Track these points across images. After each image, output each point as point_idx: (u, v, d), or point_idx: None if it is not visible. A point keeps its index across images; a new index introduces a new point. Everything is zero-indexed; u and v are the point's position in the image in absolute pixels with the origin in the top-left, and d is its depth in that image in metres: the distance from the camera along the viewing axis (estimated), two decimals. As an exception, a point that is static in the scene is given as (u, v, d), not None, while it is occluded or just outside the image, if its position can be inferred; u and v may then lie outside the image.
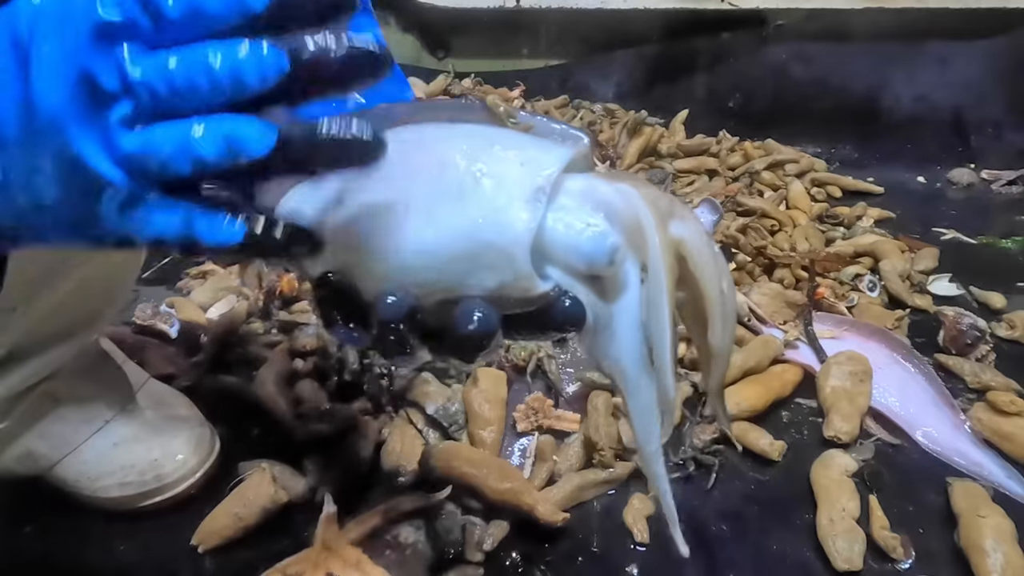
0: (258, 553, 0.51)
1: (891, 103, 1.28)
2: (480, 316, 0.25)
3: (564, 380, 0.66)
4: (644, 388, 0.28)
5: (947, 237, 0.99)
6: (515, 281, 0.25)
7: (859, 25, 1.29)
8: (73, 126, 0.22)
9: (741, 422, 0.61)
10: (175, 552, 0.51)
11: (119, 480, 0.52)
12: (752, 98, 1.31)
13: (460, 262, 0.25)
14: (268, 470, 0.54)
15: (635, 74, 1.35)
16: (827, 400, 0.63)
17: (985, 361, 0.70)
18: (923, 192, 1.17)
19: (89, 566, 0.51)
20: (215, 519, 0.51)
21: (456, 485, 0.52)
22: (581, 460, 0.58)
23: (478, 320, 0.25)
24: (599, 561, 0.51)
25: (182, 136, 0.22)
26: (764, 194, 1.05)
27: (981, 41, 1.26)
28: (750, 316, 0.73)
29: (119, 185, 0.22)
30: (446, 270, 0.25)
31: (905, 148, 1.26)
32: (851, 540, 0.50)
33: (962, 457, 0.59)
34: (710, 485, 0.56)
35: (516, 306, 0.26)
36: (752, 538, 0.53)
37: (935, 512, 0.55)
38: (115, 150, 0.22)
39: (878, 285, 0.82)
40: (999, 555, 0.48)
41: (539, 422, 0.61)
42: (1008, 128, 1.25)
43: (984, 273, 0.87)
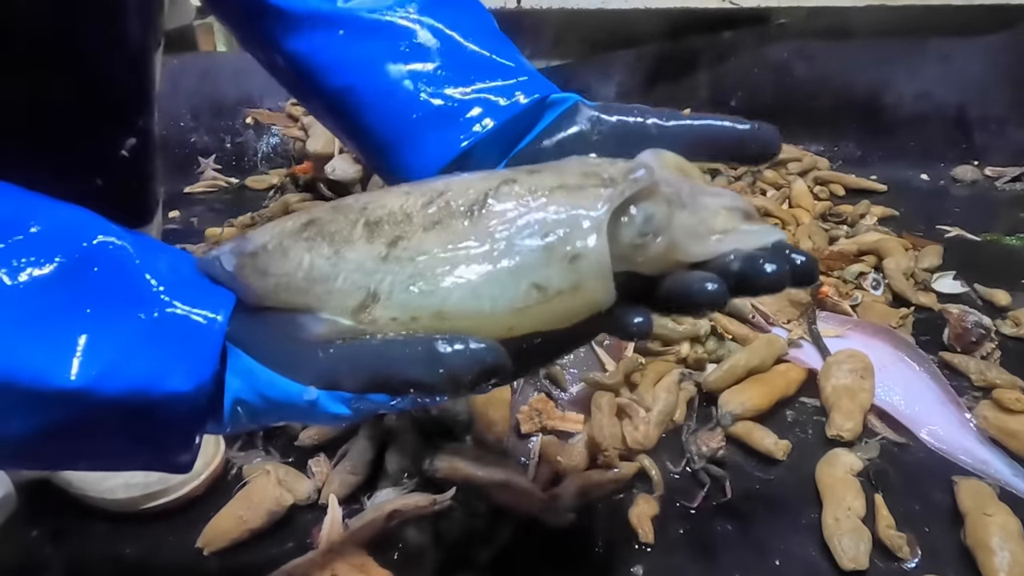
0: (263, 555, 0.51)
1: (894, 101, 1.27)
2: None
3: (567, 381, 0.66)
4: None
5: (951, 234, 0.98)
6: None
7: (861, 22, 1.29)
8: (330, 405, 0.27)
9: (745, 421, 0.61)
10: (180, 554, 0.51)
11: (125, 482, 0.53)
12: (754, 96, 1.31)
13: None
14: (273, 472, 0.54)
15: (637, 74, 1.35)
16: (829, 399, 0.63)
17: (990, 359, 0.70)
18: (927, 190, 1.17)
19: (94, 568, 0.51)
20: (220, 521, 0.52)
21: (460, 487, 0.52)
22: (585, 461, 0.58)
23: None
24: (604, 561, 0.51)
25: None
26: (767, 193, 1.05)
27: (984, 37, 1.26)
28: (754, 315, 0.73)
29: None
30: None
31: (908, 146, 1.26)
32: (857, 539, 0.50)
33: (968, 455, 0.59)
34: (727, 497, 0.55)
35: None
36: (757, 537, 0.53)
37: (941, 510, 0.54)
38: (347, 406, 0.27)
39: (882, 283, 0.82)
40: (1006, 553, 0.48)
41: (543, 423, 0.61)
42: (1011, 125, 1.24)
43: (989, 270, 0.86)
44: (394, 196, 0.28)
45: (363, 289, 0.26)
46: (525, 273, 0.25)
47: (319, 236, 0.27)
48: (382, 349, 0.26)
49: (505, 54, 0.41)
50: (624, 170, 0.27)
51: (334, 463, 0.57)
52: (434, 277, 0.25)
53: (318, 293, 0.26)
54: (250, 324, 0.27)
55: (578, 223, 0.26)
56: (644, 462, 0.57)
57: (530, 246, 0.26)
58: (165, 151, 1.22)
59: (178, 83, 1.26)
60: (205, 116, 1.27)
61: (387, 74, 0.40)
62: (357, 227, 0.27)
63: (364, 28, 0.41)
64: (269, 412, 0.28)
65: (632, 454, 0.58)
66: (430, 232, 0.26)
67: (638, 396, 0.62)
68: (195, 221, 1.08)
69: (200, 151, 1.25)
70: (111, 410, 0.25)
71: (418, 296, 0.25)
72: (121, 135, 0.45)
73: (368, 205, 0.28)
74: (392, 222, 0.27)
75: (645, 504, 0.54)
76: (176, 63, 1.27)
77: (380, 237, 0.26)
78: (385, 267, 0.26)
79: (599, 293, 0.26)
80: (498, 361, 0.25)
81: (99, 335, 0.25)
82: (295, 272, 0.27)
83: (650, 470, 0.57)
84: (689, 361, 0.68)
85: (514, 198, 0.27)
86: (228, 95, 1.28)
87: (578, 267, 0.25)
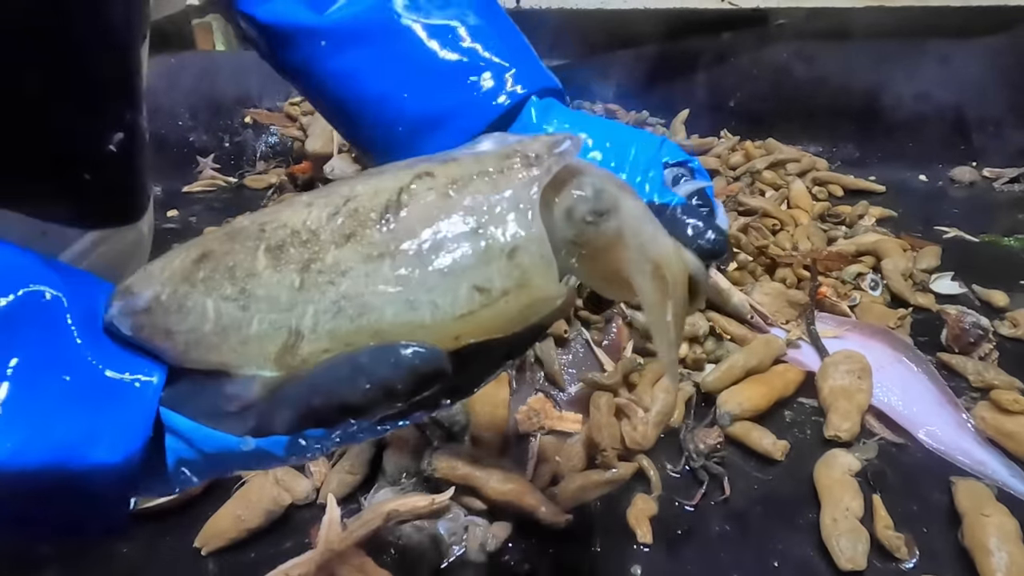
0: (261, 555, 0.51)
1: (892, 102, 1.28)
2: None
3: (566, 381, 0.66)
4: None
5: (949, 235, 0.99)
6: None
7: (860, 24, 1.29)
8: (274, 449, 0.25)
9: (744, 422, 0.61)
10: (178, 554, 0.51)
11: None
12: (753, 97, 1.31)
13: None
14: (271, 472, 0.54)
15: (636, 74, 1.35)
16: (826, 400, 0.63)
17: (988, 359, 0.70)
18: (925, 190, 1.17)
19: (92, 568, 0.51)
20: (218, 521, 0.51)
21: (459, 487, 0.52)
22: (583, 461, 0.58)
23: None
24: (602, 562, 0.51)
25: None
26: (765, 193, 1.05)
27: (982, 39, 1.26)
28: (752, 315, 0.73)
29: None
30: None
31: (907, 147, 1.26)
32: (855, 540, 0.50)
33: (966, 456, 0.59)
34: (725, 495, 0.55)
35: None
36: (755, 538, 0.53)
37: (939, 511, 0.55)
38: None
39: (880, 284, 0.82)
40: (1003, 554, 0.48)
41: (541, 423, 0.61)
42: (1009, 126, 1.25)
43: (987, 271, 0.86)
44: (294, 211, 0.24)
45: (283, 328, 0.23)
46: (462, 276, 0.22)
47: (217, 274, 0.23)
48: (308, 380, 0.23)
49: (494, 44, 0.41)
50: (548, 144, 0.24)
51: (332, 463, 0.57)
52: (361, 296, 0.22)
53: (232, 345, 0.23)
54: (179, 382, 0.25)
55: (509, 212, 0.23)
56: (642, 462, 0.57)
57: (461, 245, 0.23)
58: (163, 150, 1.22)
59: (176, 82, 1.26)
60: (203, 115, 1.27)
61: (368, 85, 0.41)
62: (258, 255, 0.23)
63: (344, 37, 0.41)
64: (213, 467, 0.26)
65: (630, 454, 0.58)
66: (344, 247, 0.23)
67: (636, 396, 0.62)
68: (193, 220, 1.08)
69: (199, 150, 1.25)
70: (30, 484, 0.22)
71: (348, 321, 0.22)
72: (108, 129, 0.44)
73: (266, 226, 0.24)
74: (298, 243, 0.23)
75: (643, 504, 0.54)
76: (174, 62, 1.26)
77: (289, 263, 0.23)
78: (302, 296, 0.23)
79: (548, 287, 0.23)
80: (432, 363, 0.22)
81: (17, 399, 0.22)
82: (200, 326, 0.23)
83: (648, 470, 0.57)
84: (687, 361, 0.68)
85: (432, 193, 0.23)
86: (227, 94, 1.27)
87: (518, 262, 0.23)
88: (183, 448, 0.25)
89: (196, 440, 0.25)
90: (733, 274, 0.79)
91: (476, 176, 0.24)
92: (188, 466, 0.26)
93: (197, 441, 0.25)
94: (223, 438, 0.24)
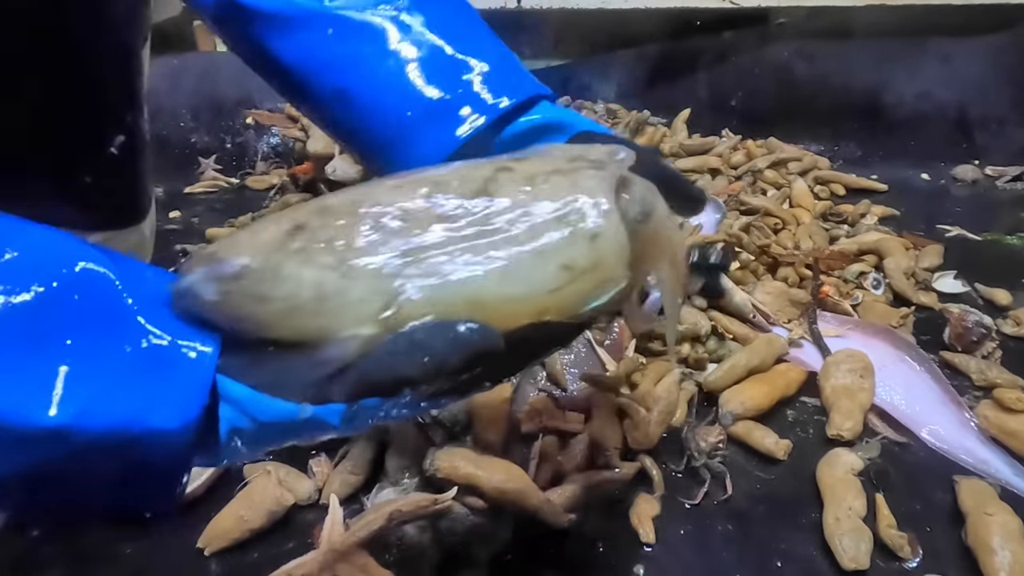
0: (264, 555, 0.51)
1: (894, 100, 1.27)
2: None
3: (568, 381, 0.66)
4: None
5: (952, 234, 0.98)
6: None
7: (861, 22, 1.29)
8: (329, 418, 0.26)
9: (746, 421, 0.61)
10: (181, 555, 0.51)
11: (125, 483, 0.53)
12: (754, 96, 1.31)
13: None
14: (273, 473, 0.54)
15: (637, 74, 1.35)
16: (828, 399, 0.63)
17: (991, 358, 0.70)
18: (927, 189, 1.17)
19: (94, 569, 0.51)
20: (221, 522, 0.52)
21: (461, 487, 0.52)
22: (586, 461, 0.58)
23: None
24: (605, 561, 0.51)
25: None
26: (767, 193, 1.05)
27: (984, 37, 1.26)
28: (754, 314, 0.73)
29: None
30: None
31: (909, 145, 1.26)
32: (858, 539, 0.50)
33: (969, 455, 0.59)
34: (727, 495, 0.55)
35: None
36: (758, 538, 0.52)
37: (942, 510, 0.54)
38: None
39: (882, 283, 0.82)
40: (1007, 553, 0.48)
41: (543, 423, 0.61)
42: (1012, 124, 1.24)
43: (989, 270, 0.86)
44: (385, 191, 0.26)
45: (384, 294, 0.24)
46: (552, 255, 0.25)
47: (314, 245, 0.25)
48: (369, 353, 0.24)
49: (492, 50, 0.42)
50: (607, 152, 0.28)
51: (335, 463, 0.57)
52: (462, 268, 0.24)
53: (332, 310, 0.24)
54: (234, 353, 0.26)
55: (590, 204, 0.26)
56: (645, 462, 0.57)
57: (550, 228, 0.25)
58: (165, 151, 1.22)
59: (178, 83, 1.26)
60: (205, 116, 1.27)
61: (377, 74, 0.40)
62: (357, 229, 0.25)
63: (352, 27, 0.41)
64: (266, 437, 0.26)
65: (633, 454, 0.58)
66: (440, 225, 0.25)
67: (639, 396, 0.62)
68: (196, 221, 1.08)
69: (200, 151, 1.25)
70: (92, 450, 0.23)
71: (448, 291, 0.24)
72: (110, 132, 0.44)
73: (360, 205, 0.26)
74: (393, 219, 0.25)
75: (646, 504, 0.54)
76: (176, 63, 1.27)
77: (388, 237, 0.25)
78: (404, 267, 0.24)
79: (618, 269, 0.27)
80: (486, 341, 0.24)
81: (80, 369, 0.23)
82: (298, 292, 0.24)
83: (651, 470, 0.57)
84: (689, 361, 0.68)
85: (514, 184, 0.26)
86: (228, 95, 1.28)
87: (598, 246, 0.26)
88: (238, 417, 0.26)
89: (252, 409, 0.25)
90: (735, 273, 0.79)
91: (551, 172, 0.27)
92: (241, 436, 0.26)
93: (253, 410, 0.25)
94: (281, 406, 0.25)
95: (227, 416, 0.26)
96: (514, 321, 0.25)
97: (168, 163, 1.21)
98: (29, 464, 0.23)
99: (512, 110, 0.40)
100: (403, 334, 0.24)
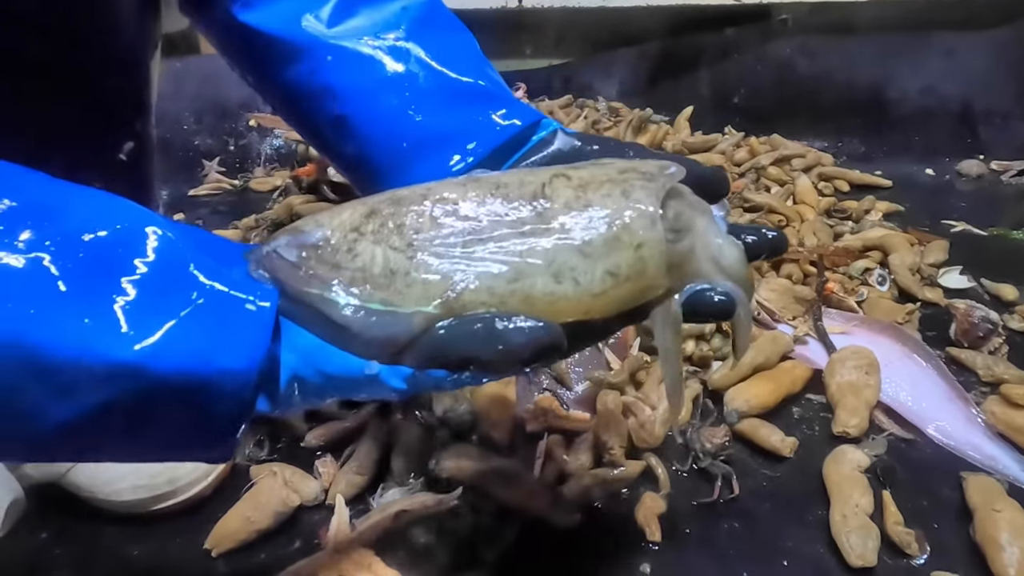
0: (270, 556, 0.51)
1: (898, 96, 1.27)
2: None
3: (573, 380, 0.66)
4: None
5: (957, 229, 0.98)
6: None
7: (864, 18, 1.29)
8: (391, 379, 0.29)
9: (751, 419, 0.61)
10: (188, 556, 0.51)
11: (132, 484, 0.53)
12: (757, 93, 1.31)
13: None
14: (279, 473, 0.54)
15: (639, 72, 1.35)
16: (834, 396, 0.63)
17: (998, 354, 0.70)
18: (932, 184, 1.17)
19: (103, 570, 0.51)
20: (227, 523, 0.52)
21: (467, 486, 0.52)
22: (591, 459, 0.58)
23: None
24: (612, 560, 0.51)
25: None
26: (771, 190, 1.04)
27: (988, 31, 1.25)
28: (759, 312, 0.73)
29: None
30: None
31: (913, 140, 1.25)
32: (865, 536, 0.50)
33: (976, 451, 0.59)
34: (734, 493, 0.55)
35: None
36: (764, 535, 0.52)
37: (950, 507, 0.54)
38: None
39: (888, 279, 0.82)
40: (1015, 549, 0.48)
41: (548, 422, 0.61)
42: (1016, 118, 1.24)
43: (995, 265, 0.86)
44: (451, 187, 0.29)
45: (447, 278, 0.27)
46: (600, 260, 0.27)
47: (385, 228, 0.28)
48: (449, 331, 0.26)
49: (490, 79, 0.42)
50: (658, 167, 0.30)
51: (340, 464, 0.57)
52: (516, 265, 0.27)
53: (398, 287, 0.27)
54: (299, 308, 0.28)
55: (636, 214, 0.28)
56: (650, 460, 0.57)
57: (601, 235, 0.27)
58: (168, 154, 1.22)
59: (181, 86, 1.26)
60: (208, 119, 1.27)
61: (376, 102, 0.41)
62: (425, 217, 0.28)
63: (351, 55, 0.41)
64: (326, 388, 0.28)
65: (638, 452, 0.58)
66: (501, 221, 0.28)
67: (644, 394, 0.62)
68: (200, 223, 1.09)
69: (203, 154, 1.25)
70: (162, 388, 0.25)
71: (504, 283, 0.27)
72: (119, 139, 0.45)
73: (428, 197, 0.28)
74: (459, 215, 0.28)
75: (652, 502, 0.54)
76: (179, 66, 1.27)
77: (453, 227, 0.27)
78: (465, 257, 0.27)
79: (658, 278, 0.28)
80: (554, 339, 0.26)
81: (151, 307, 0.25)
82: (370, 267, 0.27)
83: (656, 468, 0.57)
84: (694, 359, 0.68)
85: (570, 190, 0.28)
86: (231, 98, 1.28)
87: (641, 254, 0.28)
88: (302, 366, 0.28)
89: (319, 360, 0.28)
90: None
91: (604, 181, 0.29)
92: (301, 385, 0.28)
93: (320, 361, 0.28)
94: (348, 361, 0.27)
95: (290, 364, 0.28)
96: (559, 318, 0.27)
97: (172, 166, 1.21)
98: (99, 404, 0.25)
99: (510, 142, 0.40)
100: (484, 321, 0.26)
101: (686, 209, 0.30)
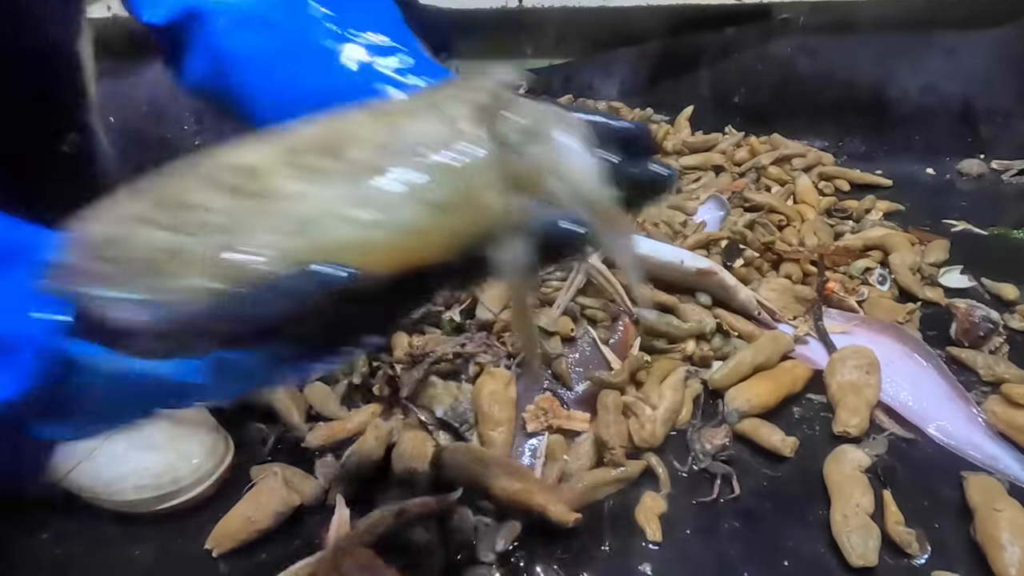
0: (271, 556, 0.51)
1: (898, 95, 1.27)
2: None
3: (573, 380, 0.66)
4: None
5: (958, 229, 0.98)
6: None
7: (865, 16, 1.28)
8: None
9: (752, 418, 0.61)
10: (190, 555, 0.51)
11: (134, 484, 0.53)
12: (757, 93, 1.30)
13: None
14: (280, 474, 0.54)
15: (639, 71, 1.35)
16: (834, 396, 0.63)
17: (999, 353, 0.70)
18: (932, 184, 1.16)
19: (105, 570, 0.51)
20: (229, 523, 0.52)
21: (467, 486, 0.52)
22: (592, 459, 0.58)
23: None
24: (612, 560, 0.51)
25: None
26: (771, 189, 1.04)
27: (989, 30, 1.25)
28: (759, 312, 0.73)
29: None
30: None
31: (913, 140, 1.25)
32: (866, 536, 0.50)
33: (977, 450, 0.59)
34: (734, 493, 0.55)
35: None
36: (765, 535, 0.52)
37: (950, 506, 0.54)
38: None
39: (888, 278, 0.82)
40: (1016, 548, 0.48)
41: (549, 422, 0.61)
42: (1017, 117, 1.23)
43: (996, 264, 0.86)
44: (233, 150, 0.25)
45: (225, 248, 0.22)
46: (413, 193, 0.23)
47: (166, 208, 0.24)
48: (224, 301, 0.22)
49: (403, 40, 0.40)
50: (489, 78, 0.27)
51: (341, 463, 0.57)
52: (309, 217, 0.23)
53: (173, 267, 0.23)
54: (89, 318, 0.24)
55: (462, 134, 0.24)
56: (651, 460, 0.57)
57: (413, 163, 0.23)
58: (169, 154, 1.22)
59: (182, 87, 1.26)
60: (208, 119, 1.27)
61: (276, 68, 0.39)
62: (196, 187, 0.24)
63: (244, 19, 0.39)
64: (124, 400, 0.26)
65: (639, 452, 0.58)
66: (293, 176, 0.24)
67: (644, 394, 0.62)
68: (200, 224, 1.09)
69: (204, 154, 1.25)
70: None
71: (299, 240, 0.23)
72: (61, 129, 0.44)
73: (201, 164, 0.25)
74: (236, 172, 0.24)
75: (652, 502, 0.54)
76: (179, 66, 1.27)
77: (236, 190, 0.24)
78: (253, 220, 0.23)
79: (494, 203, 0.24)
80: (343, 279, 0.22)
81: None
82: (148, 254, 0.23)
83: (657, 468, 0.57)
84: (695, 358, 0.68)
85: (379, 123, 0.25)
86: (231, 98, 1.28)
87: (468, 177, 0.24)
88: (91, 379, 0.25)
89: (106, 367, 0.24)
90: (740, 270, 0.79)
91: (426, 107, 0.25)
92: (94, 400, 0.25)
93: (107, 368, 0.24)
94: (133, 364, 0.24)
95: (81, 380, 0.25)
96: (380, 265, 0.23)
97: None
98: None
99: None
100: (258, 281, 0.22)
101: (536, 115, 0.25)
